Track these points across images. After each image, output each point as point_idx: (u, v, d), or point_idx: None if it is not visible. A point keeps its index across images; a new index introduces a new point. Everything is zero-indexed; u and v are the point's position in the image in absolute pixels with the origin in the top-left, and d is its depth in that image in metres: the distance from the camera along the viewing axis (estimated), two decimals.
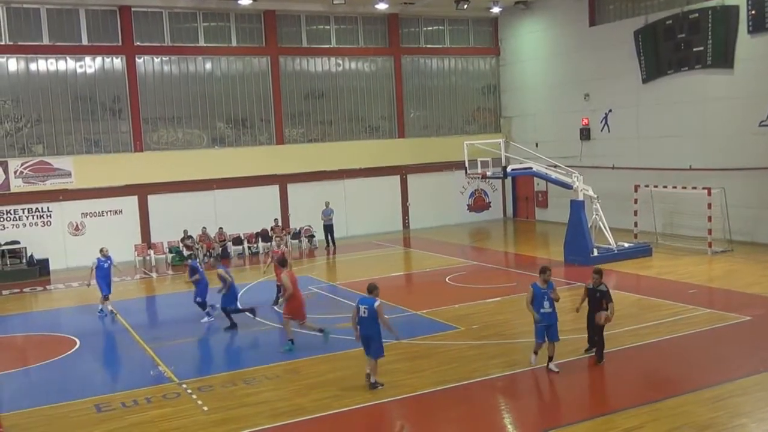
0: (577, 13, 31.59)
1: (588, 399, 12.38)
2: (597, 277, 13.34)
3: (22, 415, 12.27)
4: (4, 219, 27.05)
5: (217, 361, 14.94)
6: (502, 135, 33.55)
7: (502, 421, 11.48)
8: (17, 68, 27.54)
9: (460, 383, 12.67)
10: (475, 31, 36.03)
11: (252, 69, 31.40)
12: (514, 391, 12.18)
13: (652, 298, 18.23)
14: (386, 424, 11.34)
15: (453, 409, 11.61)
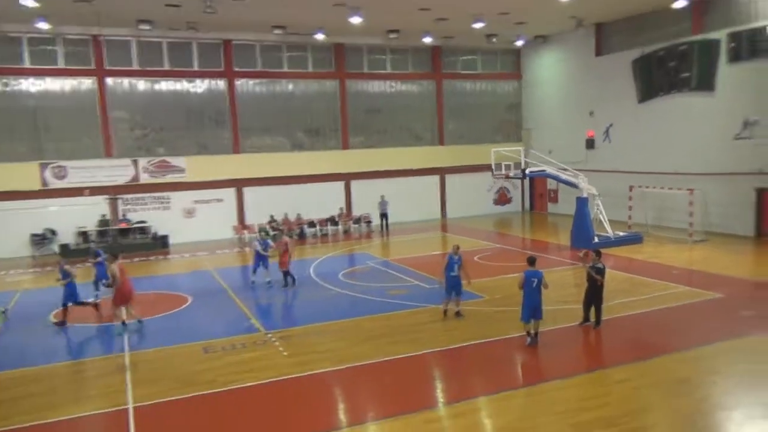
0: (585, 46, 30.94)
1: (586, 357, 12.26)
2: (596, 257, 13.21)
3: (149, 353, 12.76)
4: (136, 204, 27.94)
5: (295, 317, 15.14)
6: (522, 143, 33.12)
7: (515, 370, 11.50)
8: (145, 88, 28.27)
9: (484, 340, 12.72)
10: (501, 59, 35.55)
11: (324, 89, 31.59)
12: (527, 348, 12.15)
13: (641, 276, 17.90)
14: (424, 369, 11.44)
15: (477, 361, 11.68)
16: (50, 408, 10.08)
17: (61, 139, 26.94)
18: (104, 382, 11.14)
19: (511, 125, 36.19)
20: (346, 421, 9.40)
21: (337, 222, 30.71)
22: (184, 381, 11.04)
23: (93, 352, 12.95)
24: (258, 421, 9.40)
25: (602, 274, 13.03)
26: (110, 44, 27.20)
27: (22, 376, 11.69)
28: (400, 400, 9.92)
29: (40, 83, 26.48)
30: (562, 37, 32.19)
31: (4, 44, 25.69)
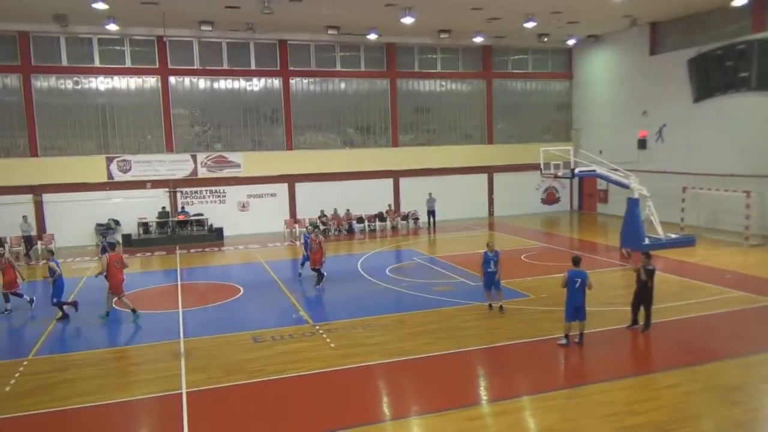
0: (639, 45, 29.87)
1: (633, 360, 11.79)
2: (645, 259, 12.70)
3: (202, 341, 12.98)
4: (193, 197, 28.62)
5: (343, 311, 15.11)
6: (572, 143, 32.26)
7: (560, 371, 11.16)
8: (205, 86, 28.90)
9: (528, 340, 12.41)
10: (552, 59, 34.74)
11: (375, 88, 31.58)
12: (574, 349, 11.79)
13: (693, 280, 17.15)
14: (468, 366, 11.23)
15: (521, 360, 11.39)
16: (108, 390, 10.37)
17: (126, 135, 27.83)
18: (159, 367, 11.39)
19: (561, 125, 35.34)
20: (389, 414, 9.31)
21: (385, 218, 30.67)
22: (234, 369, 11.17)
23: (150, 338, 13.24)
24: (304, 410, 9.41)
25: (651, 277, 12.53)
26: (173, 44, 27.90)
27: (82, 358, 12.08)
28: (443, 396, 9.76)
29: (108, 82, 27.41)
30: (615, 36, 31.20)
31: (76, 45, 26.70)
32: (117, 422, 9.25)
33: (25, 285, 16.87)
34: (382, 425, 8.90)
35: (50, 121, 26.68)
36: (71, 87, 26.98)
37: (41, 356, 12.25)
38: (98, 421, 9.29)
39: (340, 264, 22.70)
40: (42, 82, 26.52)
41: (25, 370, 11.36)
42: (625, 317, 13.09)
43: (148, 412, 9.65)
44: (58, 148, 26.90)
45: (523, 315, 14.15)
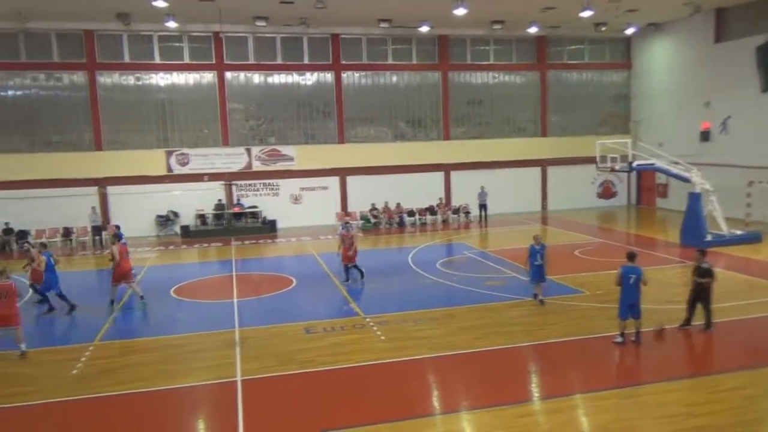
0: (703, 32, 28.61)
1: (693, 360, 11.39)
2: (700, 256, 12.23)
3: (256, 330, 13.27)
4: (248, 190, 29.27)
5: (393, 304, 15.12)
6: (630, 136, 31.19)
7: (615, 369, 10.88)
8: (259, 81, 29.44)
9: (582, 337, 12.15)
10: (610, 48, 33.70)
11: (427, 81, 31.43)
12: (630, 348, 11.47)
13: (759, 279, 16.38)
14: (519, 362, 11.09)
15: (574, 357, 11.17)
16: (166, 376, 10.76)
17: (184, 129, 28.68)
18: (215, 355, 11.73)
19: (619, 117, 34.29)
20: (439, 408, 9.32)
21: (436, 212, 30.57)
22: (287, 359, 11.40)
23: (206, 326, 13.63)
24: (354, 401, 9.52)
25: (710, 275, 12.03)
26: (229, 40, 28.52)
27: (142, 345, 12.58)
28: (493, 392, 9.69)
29: (167, 77, 28.29)
30: (676, 24, 30.00)
31: (137, 42, 27.65)
32: (175, 407, 9.60)
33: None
34: (431, 419, 8.91)
35: (113, 117, 27.77)
36: (133, 83, 27.98)
37: (105, 342, 12.81)
38: (157, 406, 9.66)
39: (391, 257, 22.81)
40: (106, 78, 27.61)
41: (90, 355, 11.92)
42: (683, 316, 12.63)
43: (204, 399, 9.95)
44: (121, 143, 27.98)
45: (577, 312, 13.86)
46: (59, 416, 9.43)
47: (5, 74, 26.56)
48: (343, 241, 17.36)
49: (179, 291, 17.08)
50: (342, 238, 17.42)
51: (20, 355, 11.94)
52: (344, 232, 17.45)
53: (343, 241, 17.32)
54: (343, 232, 17.50)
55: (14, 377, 10.89)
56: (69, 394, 10.06)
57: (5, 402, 9.83)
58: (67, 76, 27.25)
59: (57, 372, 11.01)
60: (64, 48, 26.89)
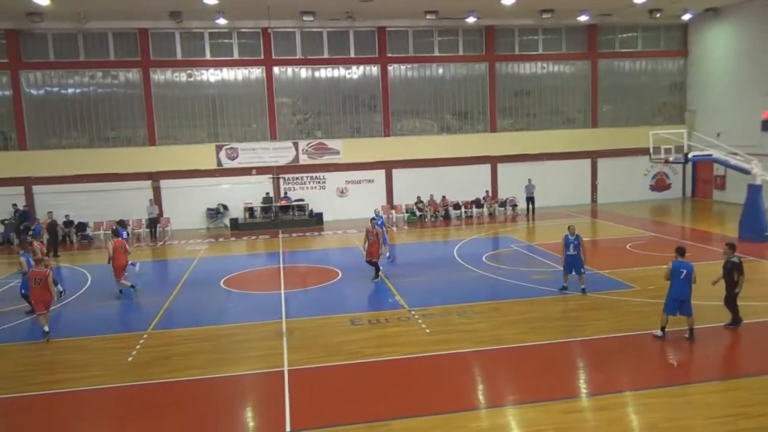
0: (764, 17, 27.32)
1: (748, 359, 10.87)
2: (728, 249, 11.80)
3: (303, 322, 13.51)
4: (295, 183, 29.72)
5: (438, 297, 15.10)
6: (685, 126, 30.13)
7: (665, 367, 10.59)
8: (306, 75, 29.79)
9: (632, 333, 11.87)
10: (665, 36, 32.58)
11: (473, 72, 31.13)
12: (682, 345, 11.15)
13: None
14: (566, 357, 10.94)
15: (624, 354, 10.93)
16: (217, 365, 11.10)
17: (233, 124, 29.32)
18: (263, 345, 12.02)
19: (673, 106, 33.19)
20: (484, 402, 9.31)
21: (482, 204, 30.33)
22: (332, 350, 11.57)
23: (255, 317, 13.96)
24: (398, 393, 9.60)
25: (738, 270, 11.61)
26: (277, 36, 28.94)
27: (194, 334, 12.97)
28: (538, 387, 9.60)
29: (217, 73, 28.94)
30: (736, 8, 28.75)
31: (189, 39, 28.39)
32: (225, 395, 9.88)
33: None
34: (476, 413, 8.91)
35: (166, 112, 28.63)
36: (185, 79, 28.75)
37: (158, 330, 13.30)
38: (208, 393, 9.98)
39: (436, 250, 22.80)
40: (159, 75, 28.46)
41: (145, 343, 12.40)
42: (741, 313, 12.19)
43: (253, 387, 10.23)
44: (173, 137, 28.83)
45: (627, 307, 13.55)
46: (115, 402, 9.86)
47: (66, 73, 27.72)
48: (367, 237, 17.09)
49: (229, 282, 17.53)
50: (366, 234, 17.16)
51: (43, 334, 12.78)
52: (369, 228, 17.18)
53: (367, 237, 17.06)
54: (368, 228, 17.25)
55: (71, 363, 11.44)
56: (124, 381, 10.50)
57: (63, 387, 10.34)
58: (123, 74, 28.22)
59: (113, 359, 11.51)
60: (120, 46, 27.86)
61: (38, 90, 27.69)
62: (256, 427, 8.89)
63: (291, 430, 8.54)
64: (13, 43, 26.78)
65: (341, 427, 8.53)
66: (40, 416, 9.36)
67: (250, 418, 9.20)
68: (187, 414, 9.18)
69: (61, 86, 27.82)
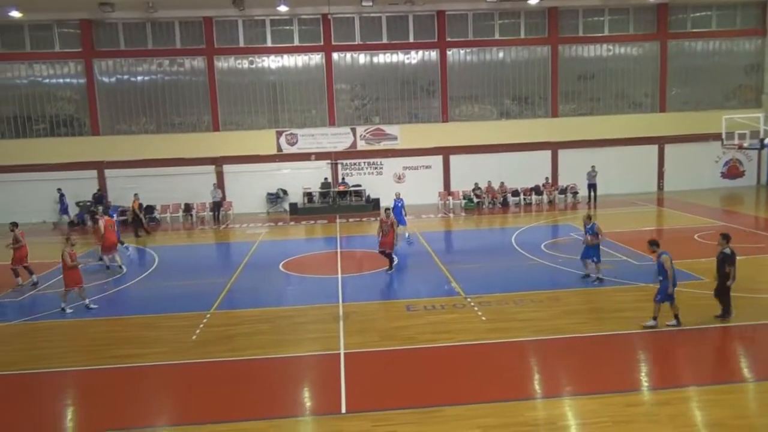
0: None
1: None
2: (722, 240, 11.45)
3: (359, 306, 13.67)
4: (352, 169, 29.93)
5: (495, 284, 14.90)
6: (762, 110, 28.45)
7: (734, 362, 10.15)
8: (365, 60, 29.83)
9: (697, 327, 11.41)
10: (742, 14, 30.74)
11: (535, 56, 30.35)
12: (752, 339, 10.64)
13: None
14: (628, 349, 10.62)
15: (688, 347, 10.53)
16: (276, 345, 11.39)
17: (293, 110, 29.74)
18: (320, 328, 12.24)
19: (749, 89, 31.39)
20: (540, 392, 9.18)
21: (542, 191, 29.70)
22: (388, 335, 11.67)
23: (313, 300, 14.22)
24: (453, 380, 9.59)
25: (729, 262, 11.26)
26: (336, 21, 29.06)
27: (254, 315, 13.32)
28: (598, 379, 9.39)
29: (278, 60, 29.37)
30: None
31: (251, 27, 28.90)
32: (284, 375, 10.14)
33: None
34: (533, 402, 8.81)
35: (229, 99, 29.32)
36: (247, 66, 29.33)
37: (221, 311, 13.74)
38: (268, 373, 10.26)
39: (494, 237, 22.55)
40: (223, 63, 29.14)
41: (208, 322, 12.84)
42: None
43: (310, 369, 10.43)
44: (236, 123, 29.52)
45: (694, 299, 13.00)
46: (179, 377, 10.29)
47: (135, 61, 28.78)
48: (381, 227, 16.68)
49: (287, 265, 17.89)
50: (381, 224, 16.78)
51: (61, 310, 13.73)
52: (383, 218, 16.86)
53: (382, 227, 16.66)
54: (382, 218, 16.95)
55: (139, 340, 11.98)
56: (189, 358, 10.93)
57: (131, 362, 10.86)
58: (188, 62, 29.05)
59: (178, 337, 11.98)
60: (186, 35, 28.67)
61: (110, 78, 28.89)
62: (312, 407, 9.08)
63: (346, 411, 8.68)
64: (87, 32, 28.00)
65: (395, 411, 8.61)
66: (108, 389, 9.87)
67: (307, 398, 9.41)
68: (248, 392, 9.46)
69: (130, 74, 28.92)
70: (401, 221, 20.12)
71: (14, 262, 16.12)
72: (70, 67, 28.59)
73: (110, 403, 9.31)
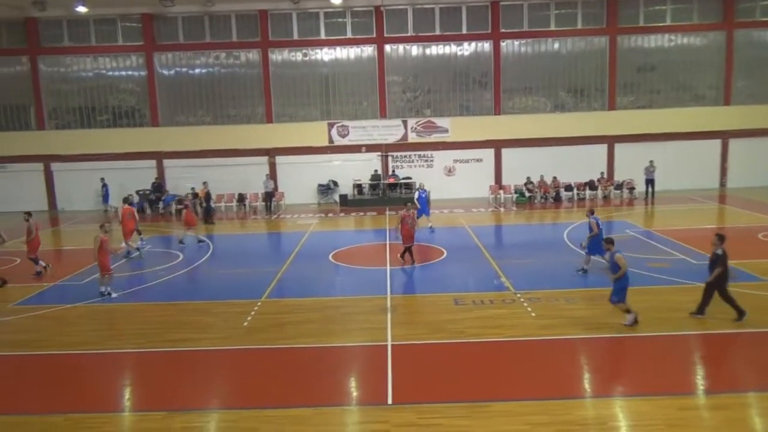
0: None
1: None
2: (717, 240, 11.16)
3: (407, 298, 13.76)
4: (403, 161, 29.94)
5: (546, 280, 14.66)
6: None
7: None
8: (417, 52, 29.71)
9: (759, 330, 10.93)
10: None
11: (592, 47, 29.54)
12: None
13: None
14: (683, 351, 10.29)
15: (748, 351, 10.11)
16: (325, 335, 11.56)
17: (345, 102, 29.95)
18: (368, 319, 12.34)
19: None
20: (590, 391, 9.01)
21: (597, 186, 28.95)
22: (436, 328, 11.66)
23: (361, 291, 14.35)
24: (501, 376, 9.53)
25: (720, 262, 10.98)
26: (389, 13, 29.06)
27: (304, 304, 13.55)
28: (651, 380, 9.14)
29: (331, 52, 29.60)
30: None
31: (305, 20, 29.22)
32: (332, 364, 10.29)
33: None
34: (582, 401, 8.66)
35: (282, 91, 29.77)
36: (300, 59, 29.69)
37: (271, 299, 14.03)
38: (316, 361, 10.43)
39: (545, 233, 22.19)
40: (277, 55, 29.59)
41: (259, 310, 13.14)
42: None
43: (357, 359, 10.55)
44: (288, 115, 29.96)
45: (755, 301, 12.44)
46: (230, 363, 10.58)
47: (193, 54, 29.57)
48: (405, 222, 16.50)
49: (337, 256, 18.09)
50: (403, 219, 16.56)
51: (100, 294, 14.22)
52: (405, 213, 16.70)
53: (405, 221, 16.50)
54: (404, 213, 16.72)
55: (194, 325, 12.37)
56: (240, 344, 11.23)
57: (189, 345, 11.24)
58: (244, 54, 29.63)
59: (232, 323, 12.32)
60: (242, 28, 29.23)
61: (169, 70, 29.78)
62: (359, 397, 9.19)
63: (392, 402, 8.75)
64: (148, 26, 28.92)
65: (442, 404, 8.62)
66: (163, 371, 10.25)
67: (354, 388, 9.52)
68: (296, 379, 9.65)
69: (188, 66, 29.73)
70: (425, 211, 21.13)
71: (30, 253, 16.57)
72: (132, 60, 29.63)
73: (164, 384, 9.67)
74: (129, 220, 18.70)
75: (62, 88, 29.75)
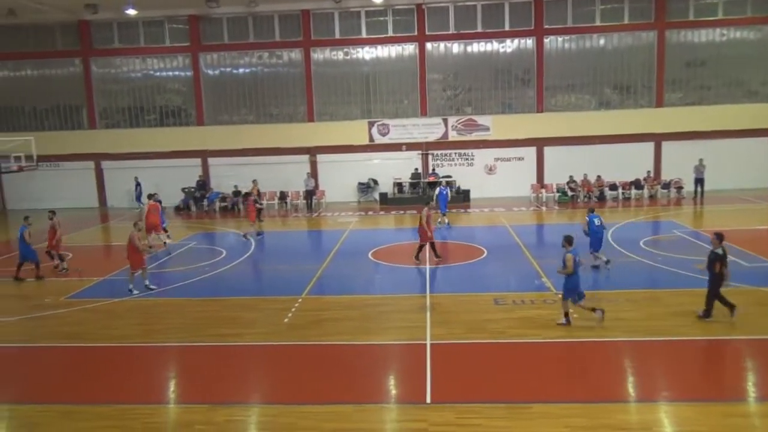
0: None
1: None
2: (716, 240, 10.97)
3: (446, 297, 13.66)
4: (443, 159, 29.83)
5: (588, 281, 14.18)
6: None
7: None
8: (458, 50, 29.55)
9: None
10: None
11: (639, 42, 28.83)
12: None
13: None
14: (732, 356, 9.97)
15: None
16: (364, 332, 11.65)
17: (385, 101, 30.04)
18: (407, 318, 12.37)
19: None
20: (634, 396, 8.83)
21: (643, 186, 28.25)
22: (475, 327, 11.60)
23: (401, 289, 14.39)
24: (541, 377, 9.41)
25: (721, 261, 10.78)
26: (431, 11, 29.00)
27: (343, 302, 13.68)
28: (696, 385, 8.91)
29: (372, 51, 29.73)
30: None
31: (347, 19, 29.42)
32: (371, 361, 10.37)
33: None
34: (624, 405, 8.49)
35: (324, 90, 30.05)
36: (342, 58, 29.91)
37: (312, 296, 14.20)
38: (356, 359, 10.52)
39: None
40: (319, 54, 29.87)
41: (299, 306, 13.33)
42: None
43: (396, 357, 10.59)
44: (330, 114, 30.23)
45: None
46: (272, 358, 10.77)
47: (237, 54, 30.13)
48: (428, 220, 16.71)
49: (376, 254, 18.18)
50: (428, 218, 16.73)
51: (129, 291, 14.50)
52: (428, 212, 16.89)
53: (428, 219, 16.70)
54: (428, 212, 16.89)
55: (235, 320, 12.64)
56: (281, 340, 11.42)
57: (231, 340, 11.49)
58: (287, 54, 30.03)
59: (273, 319, 12.53)
60: (284, 28, 29.63)
61: (214, 70, 30.42)
62: (397, 395, 9.23)
63: (431, 401, 8.76)
64: (194, 27, 29.61)
65: (481, 404, 8.59)
66: (206, 365, 10.51)
67: (393, 386, 9.57)
68: (335, 376, 9.76)
69: (233, 66, 30.32)
70: (442, 209, 22.12)
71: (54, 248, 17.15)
72: (179, 61, 30.39)
73: (207, 378, 9.91)
74: (154, 215, 19.40)
75: (112, 89, 30.75)
